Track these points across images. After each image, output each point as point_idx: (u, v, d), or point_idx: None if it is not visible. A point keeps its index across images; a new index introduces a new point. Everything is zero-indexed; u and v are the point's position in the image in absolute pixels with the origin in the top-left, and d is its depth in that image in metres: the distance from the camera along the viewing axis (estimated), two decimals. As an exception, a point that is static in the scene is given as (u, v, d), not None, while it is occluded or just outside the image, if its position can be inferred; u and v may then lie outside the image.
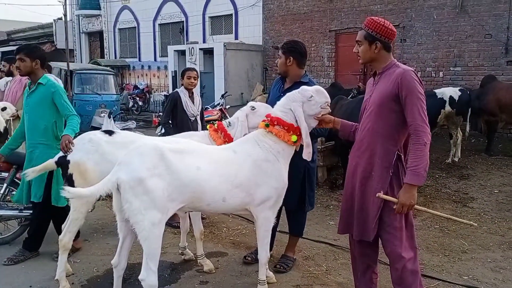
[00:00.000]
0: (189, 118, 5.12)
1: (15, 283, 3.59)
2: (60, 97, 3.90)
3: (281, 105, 3.17)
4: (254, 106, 3.76)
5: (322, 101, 3.12)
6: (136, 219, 2.68)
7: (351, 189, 2.88)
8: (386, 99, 2.68)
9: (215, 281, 3.63)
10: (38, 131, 3.91)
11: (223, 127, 3.71)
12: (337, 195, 6.08)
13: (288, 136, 3.07)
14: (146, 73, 18.72)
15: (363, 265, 2.99)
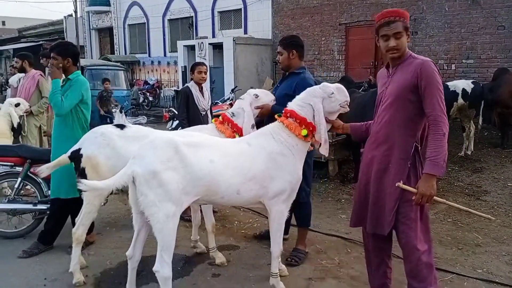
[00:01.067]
0: (200, 113, 5.12)
1: (30, 275, 3.63)
2: (71, 89, 3.90)
3: (300, 99, 3.15)
4: (257, 93, 3.82)
5: (342, 100, 3.12)
6: (151, 211, 2.70)
7: (366, 182, 2.85)
8: (404, 90, 2.64)
9: (227, 274, 3.64)
10: (66, 125, 3.94)
11: (228, 118, 3.73)
12: (348, 189, 6.05)
13: (299, 129, 3.06)
14: (156, 69, 18.79)
15: (377, 259, 2.98)
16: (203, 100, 5.14)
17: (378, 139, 2.78)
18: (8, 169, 4.40)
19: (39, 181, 4.39)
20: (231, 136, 3.63)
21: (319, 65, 12.81)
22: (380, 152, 2.75)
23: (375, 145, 2.80)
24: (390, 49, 2.68)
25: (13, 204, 4.37)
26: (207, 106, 5.23)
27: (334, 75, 12.17)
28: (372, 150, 2.82)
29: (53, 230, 4.10)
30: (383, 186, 2.74)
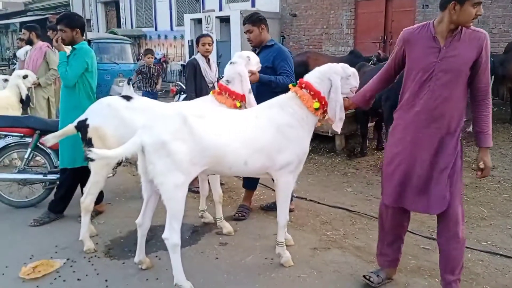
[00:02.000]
0: (207, 85, 5.10)
1: (41, 243, 3.72)
2: (74, 58, 3.92)
3: (320, 72, 3.13)
4: (249, 55, 3.81)
5: (353, 85, 3.15)
6: (160, 180, 2.75)
7: (409, 162, 2.71)
8: (467, 66, 2.54)
9: (234, 243, 3.71)
10: (74, 95, 3.97)
11: (225, 87, 3.67)
12: (354, 163, 6.07)
13: (311, 102, 3.06)
14: (162, 43, 18.66)
15: (394, 236, 2.98)
16: (210, 72, 5.10)
17: (433, 116, 2.62)
18: (17, 139, 4.46)
19: (48, 152, 4.45)
20: (232, 104, 3.59)
21: (327, 39, 12.64)
22: (432, 130, 2.63)
23: (426, 123, 2.64)
24: (476, 17, 2.50)
25: (24, 174, 4.45)
26: (214, 78, 5.19)
27: (342, 49, 12.02)
28: (421, 128, 2.66)
29: (63, 199, 4.18)
30: (436, 164, 2.64)
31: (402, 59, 2.79)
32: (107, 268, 3.30)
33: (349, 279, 3.13)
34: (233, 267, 3.30)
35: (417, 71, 2.66)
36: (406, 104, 2.74)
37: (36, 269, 3.26)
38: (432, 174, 2.67)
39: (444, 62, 2.57)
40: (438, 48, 2.59)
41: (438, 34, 2.60)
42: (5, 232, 3.95)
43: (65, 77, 3.91)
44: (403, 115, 2.76)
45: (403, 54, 2.77)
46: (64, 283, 3.10)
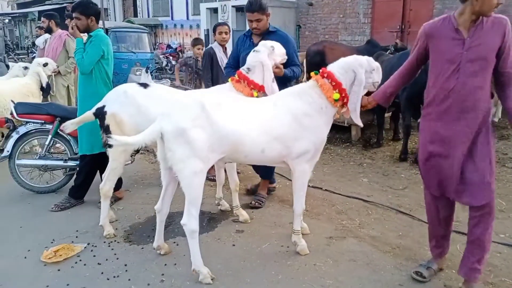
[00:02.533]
0: (223, 73, 5.04)
1: (62, 228, 3.82)
2: (91, 45, 3.96)
3: (345, 62, 3.11)
4: (273, 45, 3.75)
5: (376, 80, 3.14)
6: (178, 167, 2.79)
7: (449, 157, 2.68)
8: (493, 53, 2.53)
9: (250, 230, 3.75)
10: (90, 82, 4.03)
11: (244, 75, 3.65)
12: (370, 154, 6.04)
13: (332, 92, 3.05)
14: (178, 32, 18.68)
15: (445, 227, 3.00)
16: (226, 61, 5.07)
17: (465, 107, 2.59)
18: (38, 126, 4.55)
19: (68, 139, 4.54)
20: (249, 94, 3.58)
21: (343, 28, 12.50)
22: (467, 121, 2.59)
23: (460, 114, 2.61)
24: (497, 6, 2.49)
25: (44, 161, 4.55)
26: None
27: (358, 39, 11.87)
28: (455, 120, 2.63)
29: (82, 185, 4.26)
30: (476, 154, 2.62)
31: (425, 54, 2.78)
32: (126, 253, 3.37)
33: (365, 268, 3.14)
34: (249, 254, 3.34)
35: (443, 63, 2.65)
36: (436, 99, 2.71)
37: (58, 253, 3.34)
38: (472, 166, 2.64)
39: (470, 52, 2.56)
40: (462, 39, 2.59)
41: (460, 26, 2.60)
42: (27, 217, 4.05)
43: (82, 64, 3.96)
44: (434, 110, 2.73)
45: (426, 49, 2.76)
46: (85, 267, 3.18)
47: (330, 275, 3.06)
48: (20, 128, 4.52)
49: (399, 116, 6.51)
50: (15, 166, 4.50)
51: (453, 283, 2.93)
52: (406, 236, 3.64)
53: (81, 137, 4.14)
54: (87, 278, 3.04)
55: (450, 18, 2.64)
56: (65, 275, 3.08)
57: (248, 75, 3.62)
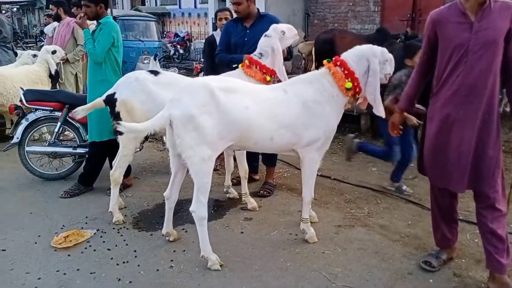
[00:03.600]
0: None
1: (72, 214, 3.85)
2: (101, 34, 3.96)
3: (359, 50, 3.08)
4: (284, 30, 3.73)
5: (388, 71, 3.11)
6: (187, 154, 2.78)
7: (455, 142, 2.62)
8: (501, 36, 2.48)
9: (258, 218, 3.75)
10: (99, 69, 4.03)
11: (256, 60, 3.66)
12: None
13: (344, 81, 3.02)
14: (186, 21, 18.58)
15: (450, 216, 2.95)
16: None
17: (473, 91, 2.53)
18: (47, 113, 4.57)
19: (77, 126, 4.56)
20: (262, 78, 3.59)
21: (353, 17, 12.35)
22: (474, 106, 2.54)
23: (467, 99, 2.55)
24: None
25: (54, 147, 4.57)
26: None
27: (368, 27, 11.72)
28: (463, 104, 2.57)
29: (91, 172, 4.28)
30: (488, 141, 2.57)
31: (435, 42, 2.72)
32: (135, 239, 3.39)
33: (374, 256, 3.13)
34: (258, 242, 3.34)
35: (452, 49, 2.60)
36: (444, 85, 2.65)
37: (68, 238, 3.37)
38: (479, 152, 2.58)
39: (478, 36, 2.51)
40: (470, 23, 2.54)
41: (467, 10, 2.56)
42: (37, 203, 4.08)
43: (94, 53, 3.96)
44: (443, 95, 2.67)
45: (435, 37, 2.71)
46: (95, 252, 3.21)
47: (338, 263, 3.05)
48: (29, 115, 4.54)
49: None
50: (25, 153, 4.53)
51: (463, 272, 2.92)
52: (415, 225, 3.62)
53: (90, 124, 4.15)
54: (97, 263, 3.06)
55: (457, 4, 2.61)
56: (75, 260, 3.11)
57: (261, 60, 3.61)
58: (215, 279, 2.86)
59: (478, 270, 2.94)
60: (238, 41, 4.11)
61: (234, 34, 4.16)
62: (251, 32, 4.07)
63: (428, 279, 2.85)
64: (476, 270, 2.95)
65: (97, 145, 4.16)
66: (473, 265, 3.01)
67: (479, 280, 2.83)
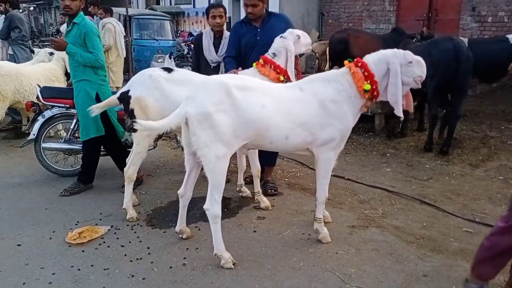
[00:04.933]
0: (209, 64, 4.45)
1: (86, 210, 3.88)
2: (90, 39, 4.00)
3: (380, 54, 3.06)
4: (299, 34, 3.73)
5: (417, 74, 3.02)
6: (202, 152, 2.78)
7: None
8: None
9: (271, 217, 3.74)
10: (79, 68, 4.05)
11: (270, 60, 3.67)
12: (394, 143, 5.94)
13: (363, 82, 2.99)
14: (200, 20, 18.60)
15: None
16: (211, 51, 4.41)
17: None
18: (63, 110, 4.61)
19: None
20: (276, 78, 3.59)
21: (368, 16, 12.26)
22: None
23: None
24: None
25: (69, 144, 4.62)
26: (216, 58, 4.42)
27: (383, 27, 11.62)
28: None
29: (88, 170, 4.32)
30: None
31: None
32: (148, 236, 3.41)
33: (388, 257, 3.10)
34: (270, 241, 3.33)
35: None
36: None
37: (82, 234, 3.40)
38: None
39: None
40: None
41: None
42: (51, 199, 4.13)
43: (97, 60, 4.01)
44: None
45: None
46: (108, 249, 3.23)
47: (352, 263, 3.02)
48: (45, 112, 4.59)
49: (424, 106, 6.36)
50: (40, 149, 4.58)
51: (480, 276, 2.86)
52: (430, 227, 3.57)
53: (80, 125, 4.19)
54: (110, 260, 3.08)
55: None
56: (89, 256, 3.13)
57: (274, 59, 3.61)
58: (227, 277, 2.86)
59: (495, 273, 2.89)
60: (249, 41, 4.07)
61: (245, 35, 4.11)
62: (262, 32, 4.05)
63: (443, 282, 2.81)
64: (493, 273, 2.89)
65: (86, 144, 4.19)
66: (490, 268, 2.95)
67: (495, 283, 2.77)
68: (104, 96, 4.11)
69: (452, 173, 4.78)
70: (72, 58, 4.03)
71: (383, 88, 3.04)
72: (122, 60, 7.72)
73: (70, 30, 4.04)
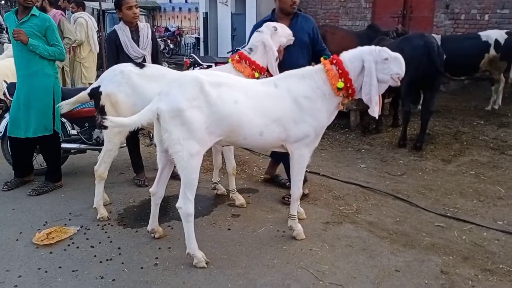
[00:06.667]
0: (132, 61, 3.95)
1: (55, 210, 3.78)
2: (53, 32, 3.96)
3: (356, 51, 3.02)
4: (276, 26, 3.68)
5: (394, 71, 2.97)
6: (175, 149, 2.72)
7: None
8: None
9: (246, 215, 3.71)
10: (33, 60, 3.93)
11: (245, 56, 3.62)
12: (369, 140, 5.99)
13: (336, 79, 2.96)
14: (177, 15, 18.42)
15: None
16: (133, 46, 4.06)
17: None
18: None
19: (63, 121, 4.45)
20: (250, 74, 3.54)
21: (344, 13, 12.33)
22: None
23: None
24: None
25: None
26: (140, 52, 4.11)
27: (359, 24, 11.71)
28: None
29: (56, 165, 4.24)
30: None
31: None
32: (120, 236, 3.33)
33: (361, 253, 3.11)
34: (245, 239, 3.30)
35: None
36: None
37: (50, 235, 3.29)
38: None
39: None
40: None
41: None
42: (19, 199, 4.00)
43: (61, 53, 3.99)
44: None
45: None
46: (78, 250, 3.14)
47: (326, 260, 3.02)
48: (13, 109, 4.43)
49: (398, 102, 6.43)
50: (7, 147, 4.43)
51: (450, 270, 2.90)
52: (403, 222, 3.60)
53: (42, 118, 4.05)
54: (79, 261, 2.99)
55: None
56: (57, 257, 3.04)
57: (250, 55, 3.56)
58: (200, 276, 2.81)
59: (466, 267, 2.93)
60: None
61: None
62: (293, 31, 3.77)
63: (415, 277, 2.83)
64: (464, 267, 2.93)
65: (53, 138, 4.09)
66: (461, 262, 2.99)
67: (466, 277, 2.82)
68: (58, 90, 4.05)
69: (425, 169, 4.84)
70: (26, 50, 3.87)
71: (359, 86, 3.01)
72: (95, 55, 7.53)
73: (25, 21, 3.90)
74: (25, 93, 3.95)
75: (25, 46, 3.84)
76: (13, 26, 3.90)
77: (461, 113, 7.20)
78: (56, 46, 3.93)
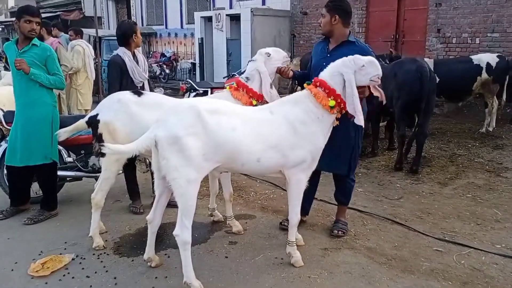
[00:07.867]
0: (134, 85, 4.14)
1: (50, 239, 3.73)
2: (53, 61, 4.02)
3: (332, 68, 3.11)
4: (268, 52, 3.72)
5: (373, 73, 3.06)
6: (172, 176, 2.72)
7: None
8: None
9: (243, 242, 3.67)
10: (35, 88, 3.96)
11: (243, 84, 3.66)
12: (366, 163, 6.00)
13: (326, 100, 3.02)
14: (173, 41, 18.65)
15: None
16: (139, 72, 4.18)
17: None
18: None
19: (59, 149, 4.44)
20: (248, 102, 3.58)
21: (338, 38, 12.56)
22: None
23: None
24: None
25: (34, 170, 4.44)
26: (144, 76, 4.26)
27: (353, 48, 11.91)
28: None
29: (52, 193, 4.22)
30: None
31: None
32: (116, 265, 3.28)
33: (361, 280, 3.08)
34: (242, 266, 3.26)
35: None
36: None
37: (45, 265, 3.24)
38: None
39: None
40: None
41: None
42: (14, 228, 3.95)
43: (62, 82, 4.05)
44: None
45: None
46: (73, 280, 3.09)
47: (325, 287, 2.98)
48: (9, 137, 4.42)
49: (394, 126, 6.48)
50: (3, 176, 4.40)
51: (451, 296, 2.87)
52: (402, 247, 3.58)
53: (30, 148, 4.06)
54: (75, 292, 2.95)
55: None
56: (52, 288, 2.99)
57: (247, 83, 3.61)
58: (198, 306, 2.77)
59: (466, 293, 2.91)
60: (317, 63, 3.62)
61: (317, 55, 3.77)
62: (331, 58, 3.40)
63: (416, 304, 2.80)
64: (464, 293, 2.91)
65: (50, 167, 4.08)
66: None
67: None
68: (56, 118, 4.06)
69: (422, 192, 4.85)
70: (26, 78, 3.89)
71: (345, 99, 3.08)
72: (91, 82, 7.59)
73: (26, 50, 3.94)
74: (24, 122, 3.96)
75: (25, 75, 3.87)
76: (13, 56, 3.94)
77: (456, 135, 7.26)
78: (56, 75, 3.98)
